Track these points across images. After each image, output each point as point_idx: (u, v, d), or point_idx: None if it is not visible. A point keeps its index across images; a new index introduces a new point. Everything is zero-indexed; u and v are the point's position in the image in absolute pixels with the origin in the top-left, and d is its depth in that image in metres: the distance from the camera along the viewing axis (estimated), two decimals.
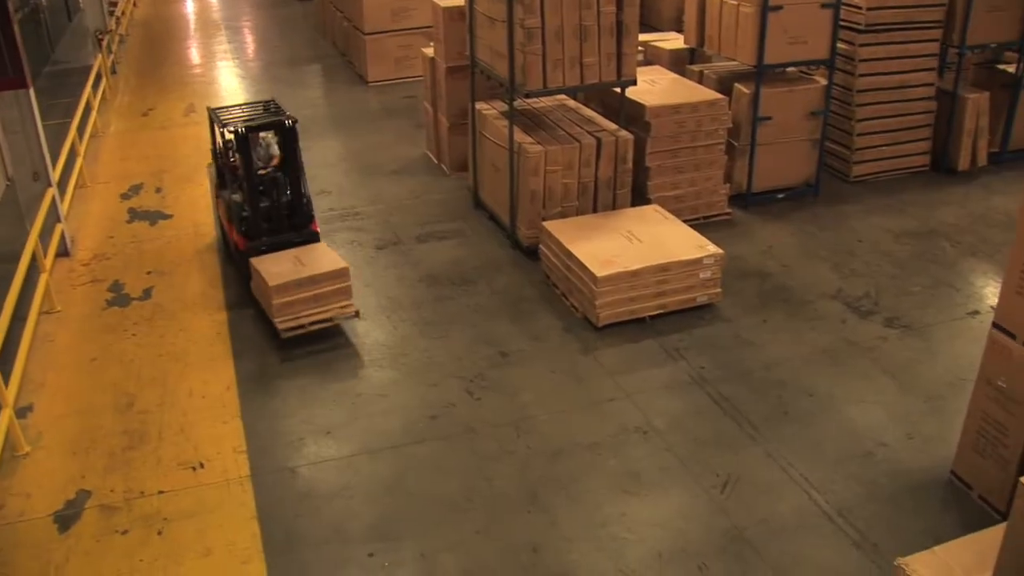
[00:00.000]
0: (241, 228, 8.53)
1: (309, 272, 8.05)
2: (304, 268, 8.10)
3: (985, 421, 6.07)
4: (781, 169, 10.65)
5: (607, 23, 8.86)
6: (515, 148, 9.18)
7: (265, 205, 8.54)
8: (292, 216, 8.65)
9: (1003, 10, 11.10)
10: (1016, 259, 5.65)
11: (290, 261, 8.22)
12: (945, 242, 9.85)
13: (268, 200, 8.57)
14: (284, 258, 8.29)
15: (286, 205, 8.62)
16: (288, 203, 8.62)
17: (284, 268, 8.11)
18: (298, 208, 8.63)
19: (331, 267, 8.13)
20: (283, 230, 8.61)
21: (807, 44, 10.17)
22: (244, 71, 16.68)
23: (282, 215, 8.61)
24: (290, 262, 8.20)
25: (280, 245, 8.49)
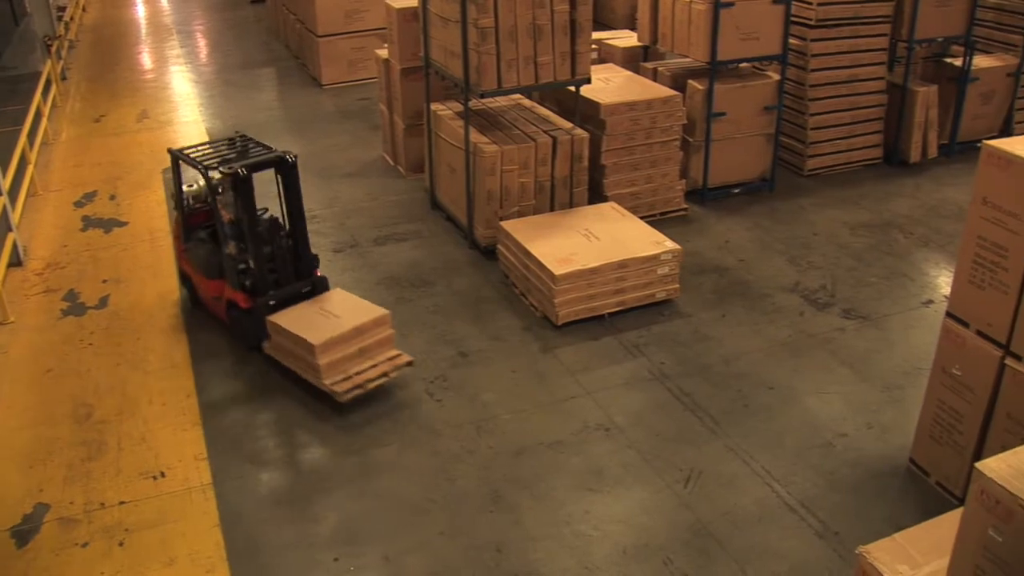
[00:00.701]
0: (242, 284, 7.68)
1: (351, 324, 7.30)
2: (340, 320, 7.36)
3: (941, 409, 6.15)
4: (736, 164, 10.73)
5: (561, 22, 8.87)
6: (471, 148, 9.17)
7: (265, 254, 7.71)
8: (297, 263, 7.91)
9: (949, 5, 11.26)
10: (967, 249, 5.73)
11: (317, 314, 7.48)
12: (899, 233, 9.97)
13: (267, 248, 7.71)
14: (308, 311, 7.55)
15: (289, 251, 7.84)
16: (291, 249, 7.86)
17: (317, 323, 7.32)
18: (303, 254, 7.90)
19: (371, 315, 7.45)
20: (290, 280, 7.81)
21: (759, 40, 10.25)
22: (197, 75, 16.53)
23: (287, 264, 7.82)
24: (318, 315, 7.46)
25: (290, 298, 7.73)
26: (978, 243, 5.64)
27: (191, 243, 8.29)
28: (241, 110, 14.38)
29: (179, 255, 8.63)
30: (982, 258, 5.63)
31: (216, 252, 7.97)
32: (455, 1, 8.76)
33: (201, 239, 8.24)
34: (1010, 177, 5.36)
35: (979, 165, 5.55)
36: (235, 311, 7.85)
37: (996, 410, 5.74)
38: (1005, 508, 3.59)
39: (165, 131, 13.57)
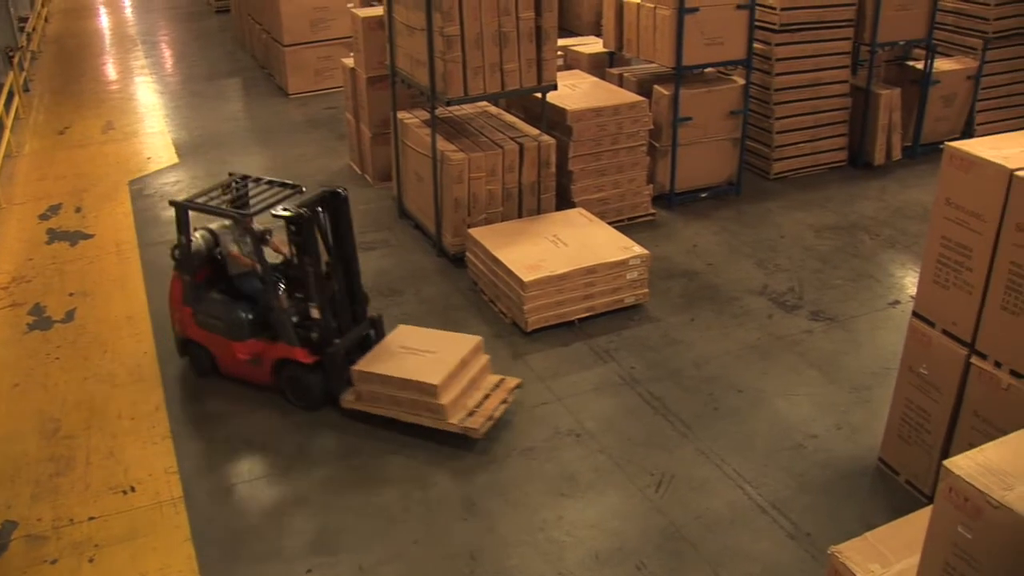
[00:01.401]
0: (306, 338, 7.10)
1: (455, 357, 7.00)
2: (439, 355, 7.04)
3: (909, 408, 6.21)
4: (703, 168, 10.78)
5: (526, 29, 8.89)
6: (438, 156, 9.17)
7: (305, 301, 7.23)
8: (353, 305, 7.40)
9: (910, 8, 11.39)
10: (931, 250, 5.80)
11: (408, 354, 7.12)
12: (865, 235, 10.05)
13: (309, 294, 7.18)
14: (394, 353, 7.15)
15: (348, 293, 7.33)
16: (348, 290, 7.33)
17: (417, 363, 6.97)
18: (358, 294, 7.43)
19: (468, 344, 7.21)
20: (349, 325, 7.30)
21: (724, 45, 10.32)
22: (162, 86, 16.43)
23: (346, 307, 7.29)
24: (410, 355, 7.10)
25: (355, 344, 7.31)
26: (942, 243, 5.70)
27: (201, 305, 7.48)
28: (207, 121, 14.30)
29: (182, 321, 7.64)
30: (946, 258, 5.69)
31: (243, 309, 7.31)
32: (420, 9, 8.75)
33: (215, 299, 7.48)
34: (972, 178, 5.42)
35: (942, 167, 5.61)
36: (293, 370, 7.21)
37: (963, 408, 5.79)
38: (973, 505, 3.63)
39: (131, 142, 13.48)
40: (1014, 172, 5.17)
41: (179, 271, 7.54)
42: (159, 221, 10.67)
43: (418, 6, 8.82)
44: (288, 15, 14.94)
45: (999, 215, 5.28)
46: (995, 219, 5.31)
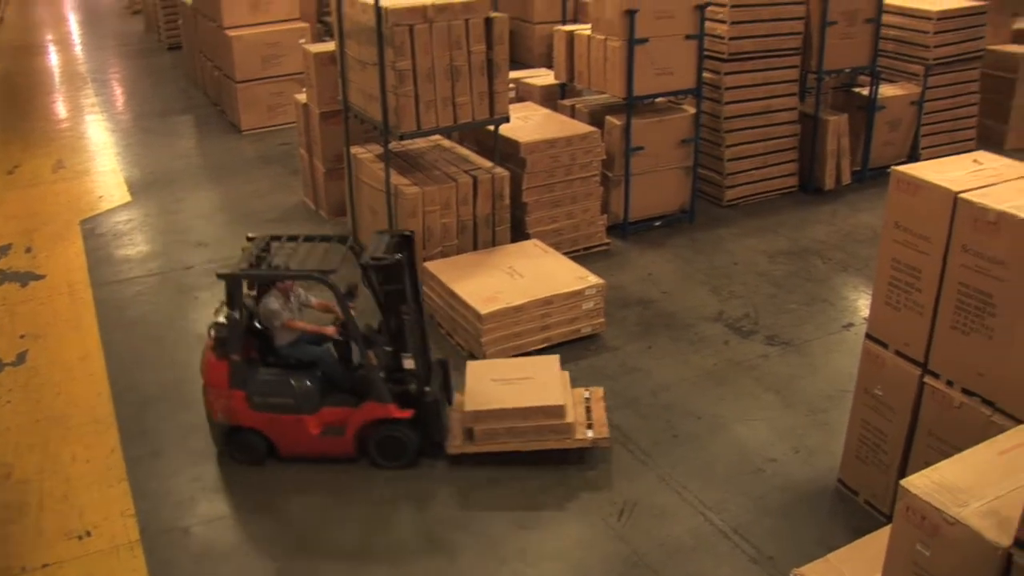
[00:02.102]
0: (402, 391, 6.79)
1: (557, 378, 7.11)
2: (538, 379, 7.06)
3: (866, 429, 6.27)
4: (656, 197, 10.87)
5: (478, 62, 8.95)
6: (392, 190, 9.17)
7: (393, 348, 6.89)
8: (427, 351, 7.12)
9: (854, 37, 11.61)
10: (882, 272, 5.88)
11: (505, 385, 7.02)
12: (817, 259, 10.17)
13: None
14: (490, 389, 7.01)
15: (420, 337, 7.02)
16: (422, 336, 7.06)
17: (525, 390, 6.93)
18: (428, 339, 7.17)
19: (554, 364, 7.31)
20: (428, 367, 7.06)
21: (674, 75, 10.43)
22: (114, 124, 16.30)
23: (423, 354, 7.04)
24: (508, 385, 7.02)
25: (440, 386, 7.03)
26: (893, 266, 5.78)
27: (255, 385, 6.82)
28: (160, 158, 14.20)
29: (231, 408, 6.86)
30: (897, 280, 5.77)
31: (309, 378, 6.82)
32: (372, 44, 8.78)
33: (270, 374, 6.88)
34: (919, 201, 5.51)
35: (889, 191, 5.70)
36: (388, 429, 6.82)
37: (918, 428, 5.86)
38: (931, 523, 3.66)
39: (82, 181, 13.35)
40: (958, 195, 5.27)
41: (222, 352, 6.80)
42: (112, 260, 10.57)
43: (370, 41, 8.85)
44: (240, 52, 14.92)
45: (946, 237, 5.38)
46: (942, 241, 5.41)
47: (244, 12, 15.18)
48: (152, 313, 9.38)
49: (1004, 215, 5.04)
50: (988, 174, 5.55)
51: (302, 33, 15.23)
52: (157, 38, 23.32)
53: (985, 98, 13.39)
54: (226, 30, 15.06)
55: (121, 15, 28.06)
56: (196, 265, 10.33)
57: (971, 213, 5.21)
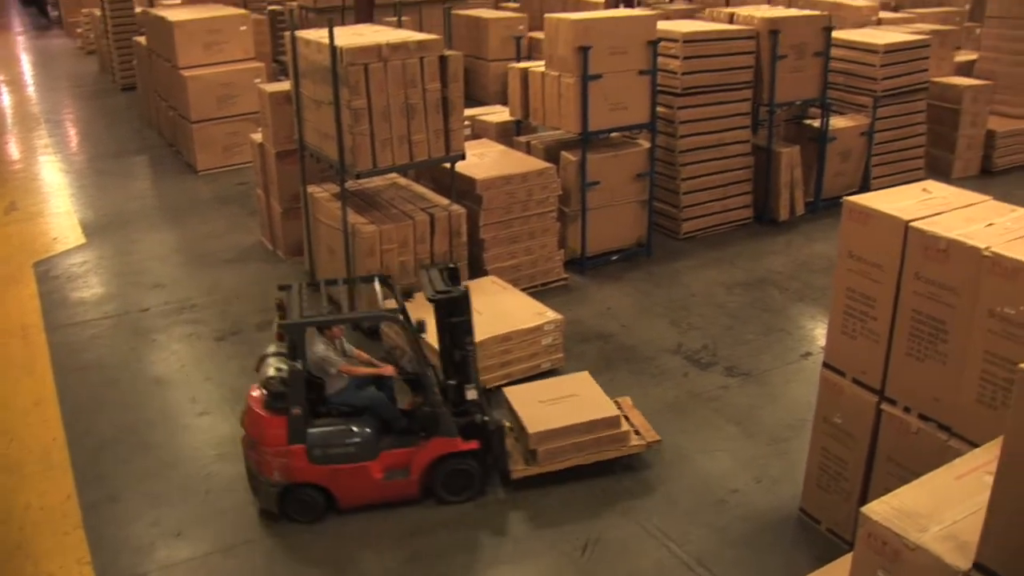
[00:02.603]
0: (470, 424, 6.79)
1: (598, 392, 7.41)
2: (583, 394, 7.34)
3: (826, 457, 6.31)
4: (613, 231, 10.93)
5: (433, 100, 8.98)
6: (349, 229, 9.16)
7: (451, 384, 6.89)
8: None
9: (804, 70, 11.82)
10: (837, 301, 5.95)
11: (555, 404, 7.22)
12: (774, 290, 10.26)
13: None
14: (542, 409, 7.14)
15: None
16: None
17: (580, 406, 7.16)
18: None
19: (590, 379, 7.61)
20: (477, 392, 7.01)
21: (628, 110, 10.53)
22: (67, 165, 16.17)
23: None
24: (558, 404, 7.22)
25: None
26: (847, 295, 5.85)
27: (314, 437, 6.59)
28: (115, 199, 14.09)
29: (289, 466, 6.56)
30: (852, 309, 5.84)
31: (368, 424, 6.71)
32: (327, 84, 8.79)
33: (328, 424, 6.68)
34: (871, 230, 5.59)
35: (842, 221, 5.78)
36: (456, 463, 6.77)
37: (877, 454, 5.91)
38: (892, 549, 3.68)
39: (36, 223, 13.20)
40: (909, 223, 5.35)
41: (279, 407, 6.55)
42: (67, 303, 10.44)
43: (325, 80, 8.86)
44: (195, 92, 14.89)
45: (898, 265, 5.46)
46: (895, 269, 5.48)
47: (199, 52, 15.17)
48: (108, 356, 9.27)
49: (954, 242, 5.13)
50: (937, 203, 5.65)
51: (257, 73, 15.23)
52: (111, 79, 23.23)
53: (932, 129, 13.69)
54: (181, 70, 15.04)
55: (75, 55, 27.94)
56: (152, 307, 10.24)
57: (922, 241, 5.29)
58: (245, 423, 6.77)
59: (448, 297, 6.73)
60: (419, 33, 9.66)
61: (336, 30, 8.76)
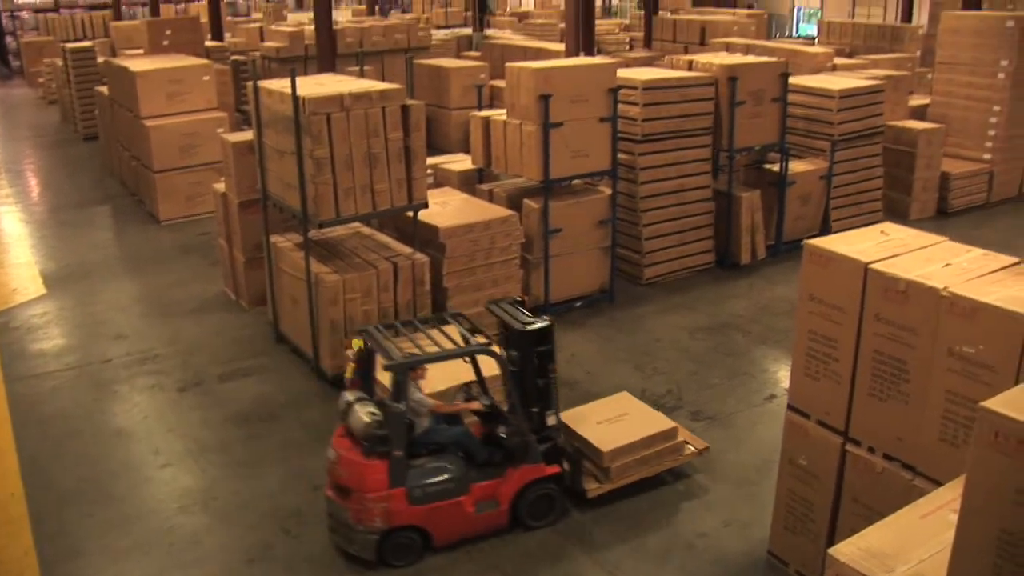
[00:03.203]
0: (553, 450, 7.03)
1: (645, 407, 8.00)
2: (633, 412, 7.82)
3: (792, 499, 6.32)
4: (576, 278, 10.97)
5: (395, 149, 9.02)
6: (312, 279, 9.13)
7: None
8: None
9: (762, 116, 11.99)
10: (800, 343, 5.99)
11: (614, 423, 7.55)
12: (737, 333, 10.33)
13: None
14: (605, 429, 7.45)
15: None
16: None
17: (638, 422, 7.62)
18: None
19: (632, 396, 8.18)
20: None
21: (589, 157, 10.62)
22: (28, 215, 16.04)
23: None
24: (616, 423, 7.56)
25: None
26: (809, 337, 5.90)
27: (412, 478, 6.63)
28: (76, 250, 13.99)
29: (390, 510, 6.59)
30: (815, 351, 5.89)
31: (458, 458, 6.82)
32: (290, 133, 8.81)
33: (421, 463, 6.73)
34: (831, 273, 5.66)
35: (803, 264, 5.85)
36: (542, 489, 6.97)
37: (843, 495, 5.93)
38: None
39: None
40: (868, 265, 5.43)
41: (380, 451, 6.57)
42: (26, 355, 10.31)
43: (287, 130, 8.89)
44: (157, 141, 14.86)
45: (859, 306, 5.52)
46: (855, 310, 5.55)
47: (161, 102, 15.16)
48: (69, 408, 9.15)
49: (912, 283, 5.20)
50: (895, 244, 5.74)
51: (220, 122, 15.22)
52: (73, 128, 23.15)
53: (889, 171, 13.92)
54: (143, 120, 15.01)
55: (36, 105, 27.83)
56: (114, 358, 10.13)
57: (881, 283, 5.36)
58: (337, 474, 6.73)
59: (537, 329, 6.95)
60: (381, 83, 9.73)
61: (299, 80, 8.80)
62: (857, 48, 20.37)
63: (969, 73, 14.90)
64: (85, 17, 34.09)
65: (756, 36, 20.45)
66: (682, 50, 19.58)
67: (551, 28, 28.05)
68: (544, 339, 6.97)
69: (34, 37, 34.54)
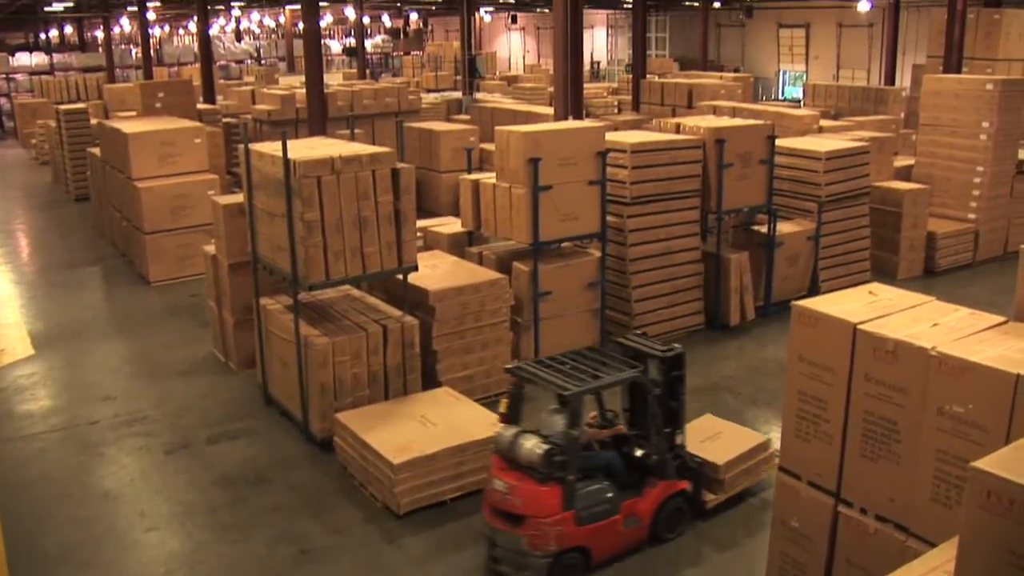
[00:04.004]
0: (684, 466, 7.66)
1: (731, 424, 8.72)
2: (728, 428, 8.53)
3: (785, 561, 6.26)
4: (566, 340, 10.90)
5: (385, 212, 9.06)
6: (302, 341, 9.11)
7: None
8: None
9: (749, 178, 12.10)
10: (790, 405, 5.99)
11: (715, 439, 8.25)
12: (727, 395, 10.31)
13: None
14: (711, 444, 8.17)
15: None
16: None
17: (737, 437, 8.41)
18: None
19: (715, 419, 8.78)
20: None
21: (579, 220, 10.67)
22: (18, 276, 16.03)
23: None
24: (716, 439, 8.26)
25: None
26: (800, 398, 5.90)
27: (580, 500, 6.93)
28: (66, 310, 13.96)
29: (562, 533, 6.86)
30: (805, 412, 5.87)
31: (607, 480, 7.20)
32: (281, 196, 8.85)
33: (588, 486, 7.05)
34: (820, 334, 5.67)
35: (791, 325, 5.86)
36: (677, 502, 7.57)
37: (836, 557, 5.88)
38: None
39: None
40: (857, 326, 5.44)
41: (556, 476, 6.84)
42: (13, 416, 10.24)
43: (278, 193, 8.93)
44: (148, 203, 14.91)
45: (848, 367, 5.52)
46: (845, 371, 5.55)
47: (153, 164, 15.26)
48: (54, 470, 9.06)
49: (901, 343, 5.21)
50: (883, 304, 5.76)
51: (211, 184, 15.31)
52: (65, 189, 23.26)
53: (876, 232, 14.02)
54: (135, 181, 15.09)
55: (29, 166, 27.96)
56: (102, 420, 10.06)
57: (870, 343, 5.37)
58: (511, 503, 6.94)
59: (675, 354, 7.55)
60: (371, 146, 9.81)
61: (289, 143, 8.87)
62: (842, 110, 20.66)
63: (952, 135, 15.10)
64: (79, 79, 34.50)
65: (743, 99, 20.71)
66: (670, 113, 19.82)
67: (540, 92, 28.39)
68: (679, 365, 7.57)
69: (29, 99, 34.84)
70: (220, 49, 48.09)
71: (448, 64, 39.56)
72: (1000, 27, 20.01)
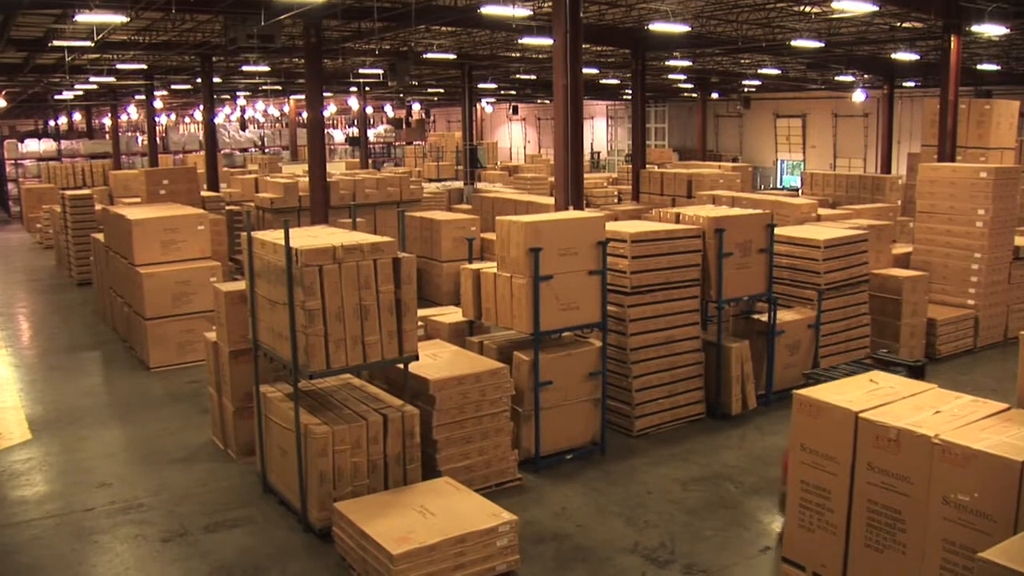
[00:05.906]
0: None
1: None
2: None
3: None
4: (567, 430, 10.91)
5: (386, 302, 9.08)
6: (301, 430, 9.07)
7: None
8: None
9: (749, 268, 12.17)
10: (793, 494, 5.95)
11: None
12: (730, 484, 10.23)
13: None
14: None
15: None
16: None
17: None
18: None
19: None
20: None
21: (579, 309, 10.69)
22: (18, 359, 16.01)
23: None
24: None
25: None
26: (802, 487, 5.87)
27: None
28: (65, 395, 13.92)
29: None
30: (808, 501, 5.84)
31: None
32: (282, 284, 8.89)
33: None
34: (822, 423, 5.66)
35: (793, 414, 5.86)
36: None
37: None
38: None
39: None
40: (859, 414, 5.43)
41: None
42: (7, 502, 10.12)
43: (280, 281, 8.97)
44: (150, 289, 14.97)
45: (851, 456, 5.51)
46: (847, 460, 5.53)
47: (156, 250, 15.37)
48: (47, 558, 8.94)
49: (903, 432, 5.21)
50: (884, 393, 5.77)
51: (213, 271, 15.40)
52: (68, 273, 23.38)
53: (876, 319, 14.09)
54: (137, 267, 15.18)
55: (32, 249, 28.13)
56: (97, 507, 9.96)
57: (873, 432, 5.37)
58: None
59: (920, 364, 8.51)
60: (373, 235, 9.85)
61: (291, 231, 8.94)
62: (840, 198, 20.90)
63: (948, 222, 15.29)
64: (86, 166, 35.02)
65: (741, 188, 20.99)
66: (669, 203, 20.05)
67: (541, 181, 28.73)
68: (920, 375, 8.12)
69: (35, 184, 35.28)
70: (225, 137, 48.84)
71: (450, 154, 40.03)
72: (991, 117, 20.38)
